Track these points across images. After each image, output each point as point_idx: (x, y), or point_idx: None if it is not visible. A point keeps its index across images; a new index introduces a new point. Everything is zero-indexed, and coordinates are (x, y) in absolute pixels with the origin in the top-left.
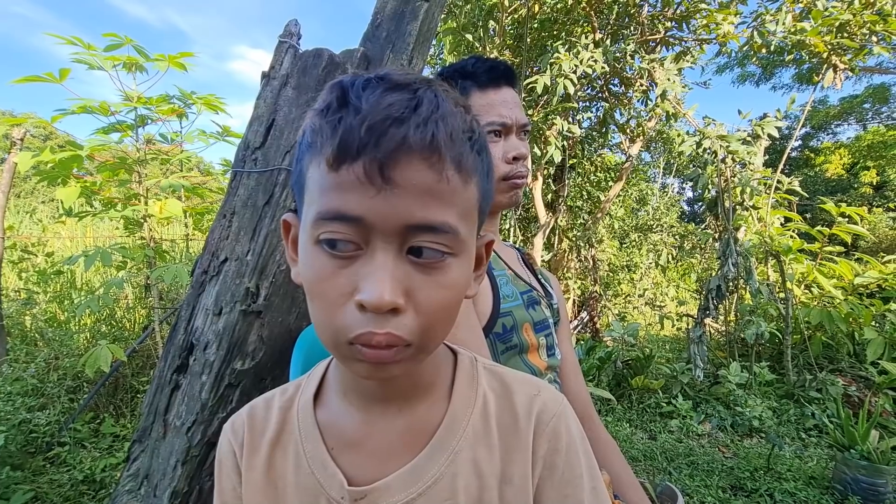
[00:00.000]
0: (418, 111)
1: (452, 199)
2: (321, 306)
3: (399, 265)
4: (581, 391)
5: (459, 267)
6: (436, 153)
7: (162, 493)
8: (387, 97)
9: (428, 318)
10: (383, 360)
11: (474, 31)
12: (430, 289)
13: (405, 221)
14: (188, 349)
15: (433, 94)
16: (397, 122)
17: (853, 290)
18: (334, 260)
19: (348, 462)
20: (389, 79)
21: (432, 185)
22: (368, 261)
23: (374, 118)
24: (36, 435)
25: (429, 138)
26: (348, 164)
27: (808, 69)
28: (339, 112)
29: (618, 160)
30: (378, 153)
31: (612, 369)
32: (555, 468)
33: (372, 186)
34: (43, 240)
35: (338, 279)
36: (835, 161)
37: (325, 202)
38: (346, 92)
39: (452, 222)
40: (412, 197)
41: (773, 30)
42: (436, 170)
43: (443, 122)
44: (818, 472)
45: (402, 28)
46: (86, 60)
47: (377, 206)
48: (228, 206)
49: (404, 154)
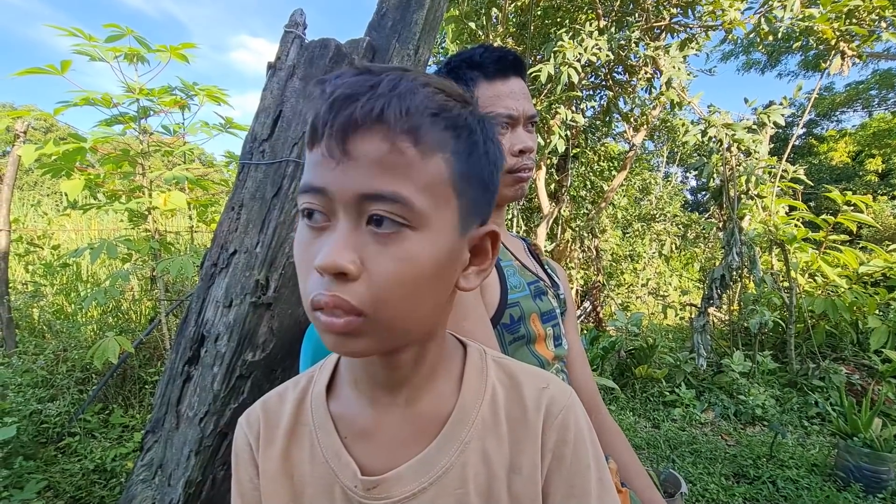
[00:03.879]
0: (374, 89)
1: (408, 172)
2: (300, 276)
3: (356, 234)
4: (588, 381)
5: (420, 242)
6: (384, 125)
7: (176, 482)
8: (351, 80)
9: (380, 288)
10: (337, 329)
11: (477, 20)
12: (384, 259)
13: (359, 190)
14: (199, 341)
15: (398, 76)
16: (351, 98)
17: (857, 278)
18: (310, 230)
19: (361, 452)
20: (363, 66)
21: (384, 157)
22: (332, 230)
23: (334, 97)
24: (47, 425)
25: (377, 111)
26: (318, 142)
27: (814, 56)
28: (319, 100)
29: (621, 149)
30: (334, 129)
31: (615, 359)
32: (563, 459)
33: (332, 159)
34: (48, 232)
35: (311, 248)
36: (840, 149)
37: (304, 177)
38: (325, 81)
39: (405, 193)
40: (365, 168)
41: (780, 16)
42: (387, 142)
43: (397, 98)
44: (820, 459)
45: (408, 17)
46: (87, 52)
47: (336, 177)
48: (237, 198)
49: (354, 127)
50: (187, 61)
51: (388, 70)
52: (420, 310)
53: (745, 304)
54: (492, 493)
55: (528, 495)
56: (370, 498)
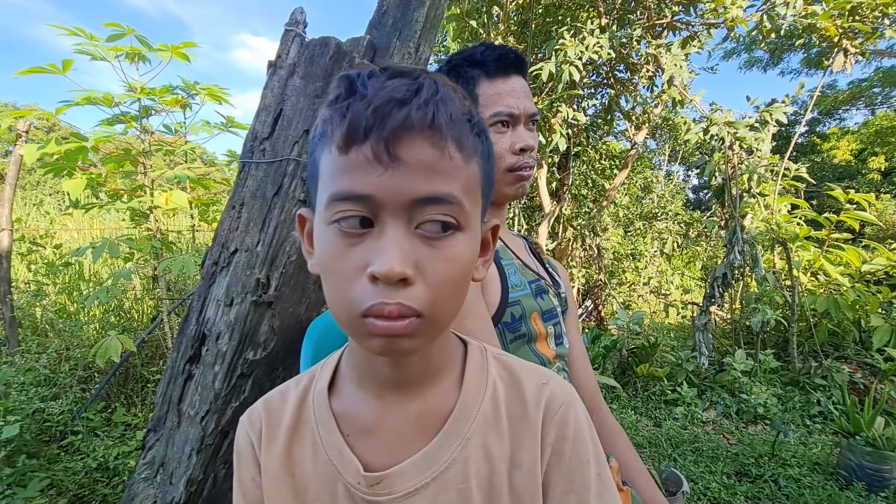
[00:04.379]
0: (419, 94)
1: (455, 174)
2: (335, 283)
3: (407, 239)
4: (589, 379)
5: (465, 242)
6: (438, 132)
7: (178, 480)
8: (389, 83)
9: (436, 290)
10: (396, 332)
11: (478, 18)
12: (437, 262)
13: (412, 195)
14: (200, 340)
15: (432, 80)
16: (400, 103)
17: (860, 277)
18: (347, 238)
19: (364, 449)
20: (392, 68)
21: (435, 161)
22: (378, 236)
23: (378, 101)
24: (50, 424)
25: (430, 117)
26: (357, 146)
27: (817, 53)
28: (346, 100)
29: (623, 148)
30: (383, 133)
31: (617, 357)
32: (562, 455)
33: (379, 165)
34: (51, 232)
35: (350, 255)
36: (843, 147)
37: (337, 184)
38: (353, 82)
39: (457, 194)
40: (417, 173)
41: (783, 13)
42: (438, 147)
43: (442, 104)
44: (823, 458)
45: (409, 15)
46: (88, 51)
47: (385, 184)
48: (237, 197)
49: (408, 132)
50: (188, 60)
51: (419, 72)
52: (459, 305)
53: (747, 302)
54: (493, 488)
55: (528, 490)
56: (373, 494)
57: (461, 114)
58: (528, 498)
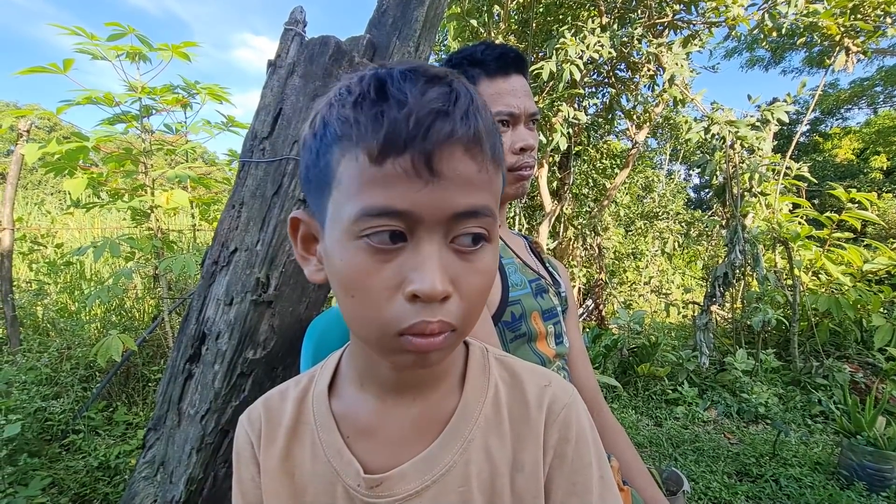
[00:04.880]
0: (458, 104)
1: (489, 186)
2: (364, 301)
3: (444, 254)
4: (589, 379)
5: (492, 252)
6: (478, 144)
7: (178, 479)
8: (429, 91)
9: (470, 303)
10: (434, 348)
11: (479, 17)
12: (470, 275)
13: (452, 210)
14: (200, 339)
15: (465, 87)
16: (443, 115)
17: (862, 276)
18: (378, 254)
19: (364, 451)
20: (422, 71)
21: (474, 175)
22: (414, 253)
23: (421, 111)
24: (51, 423)
25: (472, 130)
26: (394, 158)
27: (818, 52)
28: (379, 104)
29: (624, 147)
30: (426, 145)
31: (617, 357)
32: (565, 457)
33: (419, 179)
34: (52, 231)
35: (383, 273)
36: (844, 146)
37: (370, 197)
38: (385, 84)
39: (491, 205)
40: (457, 187)
41: (784, 12)
42: (477, 160)
43: (479, 115)
44: (824, 458)
45: (409, 14)
46: (89, 50)
47: (424, 199)
48: (237, 196)
49: (449, 146)
50: (189, 59)
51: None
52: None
53: (749, 301)
54: (495, 491)
55: (530, 492)
56: (373, 496)
57: (491, 123)
58: (529, 500)
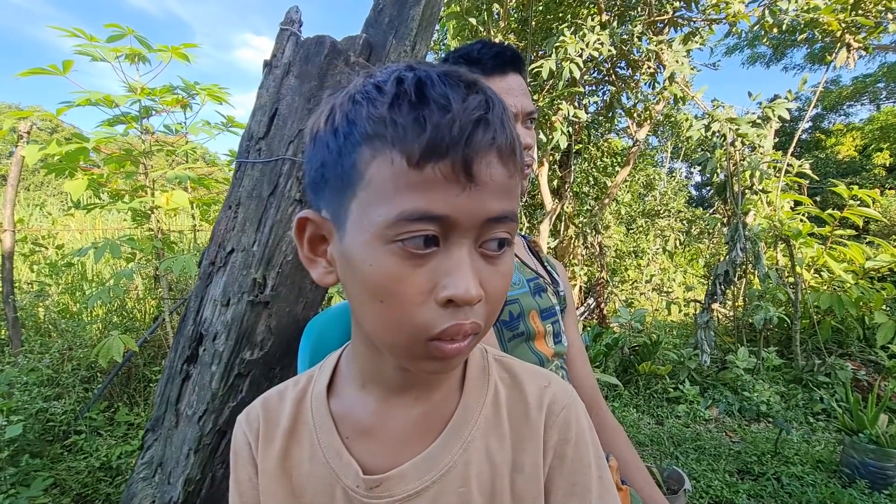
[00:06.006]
0: (494, 112)
1: (516, 192)
2: (396, 307)
3: (474, 258)
4: (588, 378)
5: (511, 255)
6: (512, 152)
7: (176, 480)
8: (469, 98)
9: (493, 305)
10: (461, 351)
11: (478, 15)
12: (494, 278)
13: (486, 216)
14: (198, 340)
15: (496, 95)
16: (484, 122)
17: (864, 273)
18: (412, 259)
19: (363, 452)
20: (462, 77)
21: (506, 181)
22: (446, 257)
23: (465, 118)
24: (53, 424)
25: (509, 139)
26: (434, 163)
27: (820, 49)
28: (420, 107)
29: (625, 145)
30: (468, 151)
31: (619, 355)
32: (564, 458)
33: (458, 185)
34: (53, 232)
35: (416, 278)
36: (847, 143)
37: (409, 201)
38: (425, 87)
39: (517, 211)
40: (491, 192)
41: (785, 8)
42: (509, 167)
43: (510, 123)
44: (826, 455)
45: (405, 13)
46: (89, 52)
47: (462, 204)
48: (234, 196)
49: (487, 153)
50: (188, 60)
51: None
52: None
53: (750, 299)
54: (494, 492)
55: (530, 493)
56: (372, 497)
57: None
58: (529, 501)
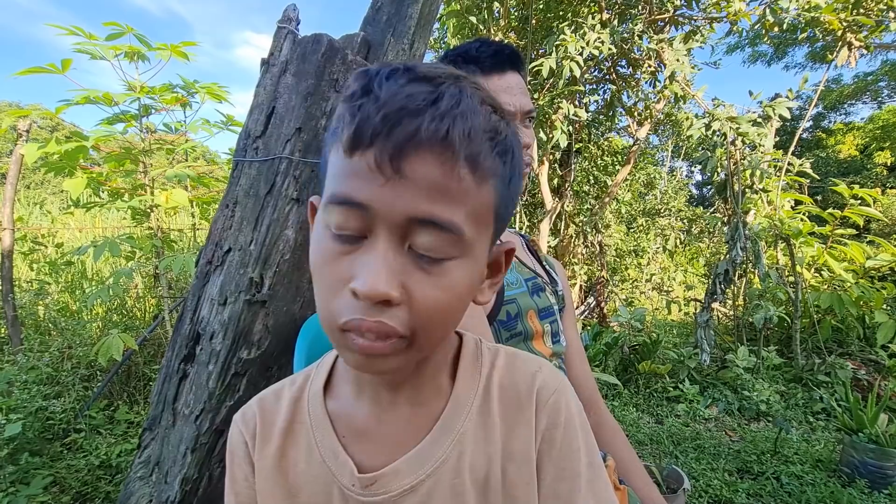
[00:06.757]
0: (437, 104)
1: (463, 199)
2: (320, 289)
3: (398, 258)
4: (586, 377)
5: (462, 269)
6: (449, 149)
7: (173, 479)
8: (407, 88)
9: (422, 316)
10: (377, 352)
11: (478, 14)
12: (427, 287)
13: (410, 213)
14: (195, 339)
15: (458, 89)
16: (412, 113)
17: (865, 273)
18: (338, 245)
19: (359, 451)
20: (415, 70)
21: (442, 181)
22: (369, 249)
23: (390, 107)
24: (52, 422)
25: (442, 133)
26: (361, 151)
27: (821, 47)
28: (360, 99)
29: (625, 144)
30: (389, 143)
31: (618, 354)
32: (553, 443)
33: (381, 175)
34: (52, 231)
35: (338, 264)
36: (848, 142)
37: (336, 186)
38: (370, 80)
39: (458, 222)
40: (420, 190)
41: (786, 7)
42: (447, 166)
43: (461, 119)
44: (825, 455)
45: (403, 11)
46: (88, 50)
47: (384, 195)
48: (231, 195)
49: (415, 146)
50: (187, 59)
51: (444, 78)
52: (450, 331)
53: (750, 298)
54: (488, 481)
55: (522, 479)
56: (368, 495)
57: (482, 130)
58: (522, 487)
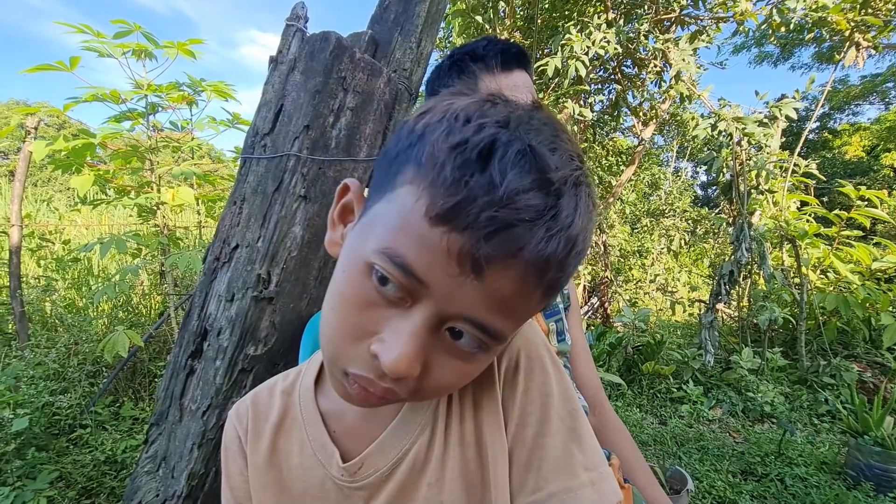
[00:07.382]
0: (556, 219)
1: (523, 315)
2: (337, 322)
3: (431, 337)
4: (591, 376)
5: (488, 358)
6: (538, 273)
7: (179, 474)
8: (530, 193)
9: (430, 390)
10: (371, 405)
11: (484, 13)
12: (447, 371)
13: (465, 312)
14: (202, 335)
15: (575, 201)
16: (525, 227)
17: (871, 274)
18: (374, 293)
19: (349, 445)
20: (543, 164)
21: (512, 298)
22: (405, 317)
23: (504, 213)
24: (59, 417)
25: (542, 258)
26: (448, 231)
27: (828, 48)
28: (473, 167)
29: (630, 144)
30: (485, 246)
31: (622, 355)
32: (515, 386)
33: (458, 268)
34: (59, 228)
35: (368, 313)
36: (854, 143)
37: (402, 245)
38: (494, 149)
39: (507, 332)
40: (488, 298)
41: (793, 7)
42: (527, 288)
43: (567, 240)
44: (830, 457)
45: (411, 10)
46: (95, 48)
47: (451, 287)
48: (238, 192)
49: (507, 261)
50: (194, 57)
51: (564, 181)
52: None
53: (755, 300)
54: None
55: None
56: (354, 482)
57: (577, 252)
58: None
